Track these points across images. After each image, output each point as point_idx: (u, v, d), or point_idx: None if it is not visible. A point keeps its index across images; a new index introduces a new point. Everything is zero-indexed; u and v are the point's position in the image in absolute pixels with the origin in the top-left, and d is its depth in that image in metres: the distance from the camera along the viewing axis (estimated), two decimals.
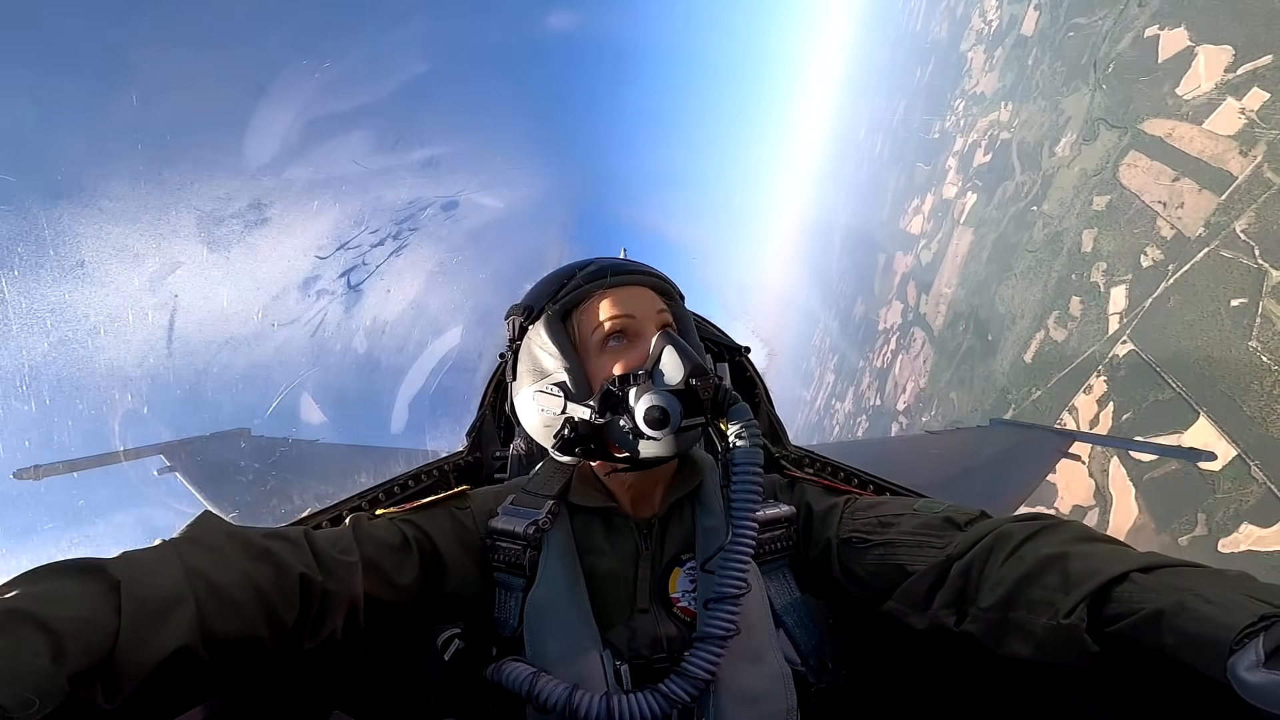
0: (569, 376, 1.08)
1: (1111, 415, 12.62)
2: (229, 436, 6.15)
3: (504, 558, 1.07)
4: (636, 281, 1.17)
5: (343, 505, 1.77)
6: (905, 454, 7.33)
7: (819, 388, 37.59)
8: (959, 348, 19.57)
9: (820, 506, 1.15)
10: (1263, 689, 0.55)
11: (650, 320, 1.11)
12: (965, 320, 19.37)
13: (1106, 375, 12.98)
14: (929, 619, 0.94)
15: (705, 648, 0.90)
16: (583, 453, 1.09)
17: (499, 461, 2.42)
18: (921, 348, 22.86)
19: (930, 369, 21.78)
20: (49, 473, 5.31)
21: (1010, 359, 16.48)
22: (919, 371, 22.75)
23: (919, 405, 22.05)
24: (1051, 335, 14.86)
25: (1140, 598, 0.70)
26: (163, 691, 0.71)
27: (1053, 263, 15.27)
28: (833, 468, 2.26)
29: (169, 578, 0.73)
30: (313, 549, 0.92)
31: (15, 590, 0.63)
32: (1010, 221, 17.79)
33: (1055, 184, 16.00)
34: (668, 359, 1.03)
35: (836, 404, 33.27)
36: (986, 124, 20.99)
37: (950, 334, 20.37)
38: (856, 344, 31.08)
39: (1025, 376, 15.65)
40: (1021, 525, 0.90)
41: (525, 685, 0.91)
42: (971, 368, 18.68)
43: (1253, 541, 9.75)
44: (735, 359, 2.46)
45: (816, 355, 39.58)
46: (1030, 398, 15.27)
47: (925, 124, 26.86)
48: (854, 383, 30.86)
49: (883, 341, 27.27)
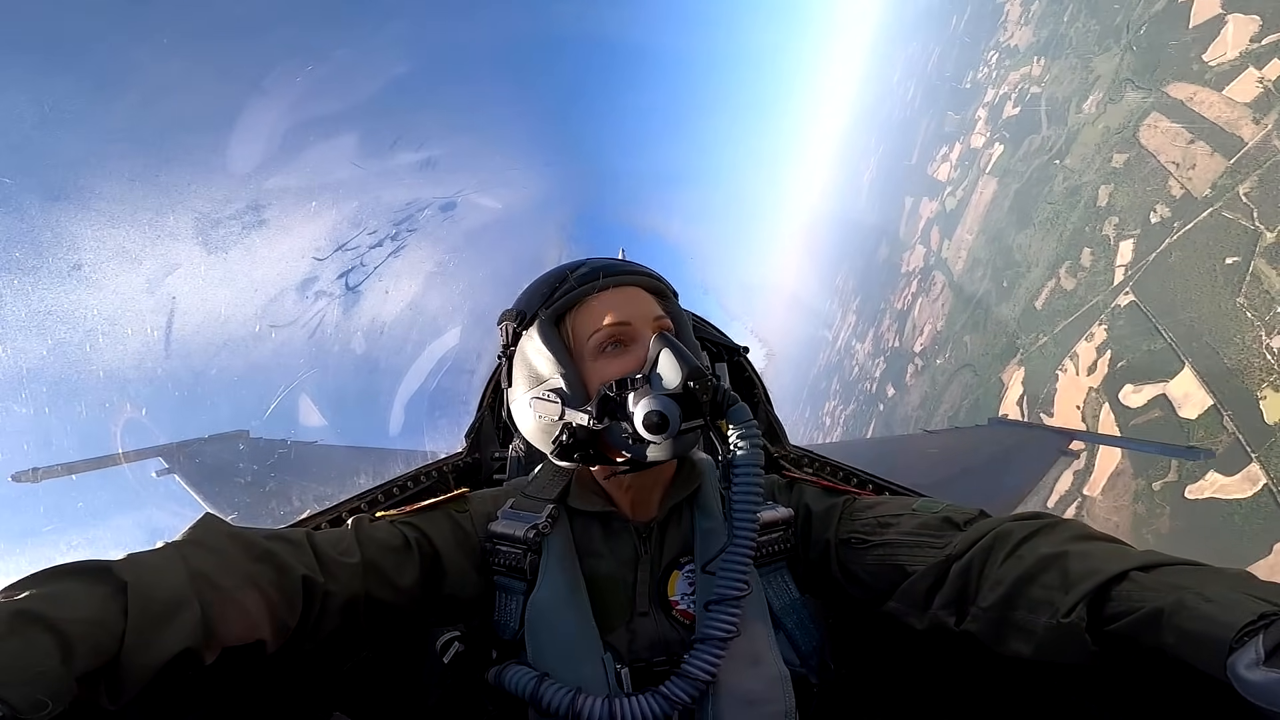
0: (565, 382, 1.07)
1: (1108, 363, 13.30)
2: (228, 438, 6.14)
3: (504, 561, 1.07)
4: (630, 282, 1.15)
5: (342, 507, 1.77)
6: (904, 453, 7.34)
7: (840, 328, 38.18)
8: (976, 293, 20.22)
9: (819, 507, 1.15)
10: (1262, 687, 0.55)
11: (646, 323, 1.10)
12: (984, 266, 19.93)
13: (1108, 324, 13.56)
14: (929, 619, 0.94)
15: (705, 649, 0.91)
16: (581, 458, 1.09)
17: (498, 463, 2.41)
18: (941, 291, 23.55)
19: (948, 312, 22.42)
20: (47, 475, 5.30)
21: (1022, 305, 17.12)
22: (937, 314, 23.47)
23: (935, 348, 22.76)
24: (1062, 284, 15.47)
25: (1140, 596, 0.70)
26: (166, 693, 0.71)
27: (1069, 215, 15.78)
28: (832, 467, 2.26)
29: (173, 580, 0.73)
30: (314, 550, 0.92)
31: (24, 592, 0.64)
32: (1033, 173, 18.25)
33: (1079, 140, 16.40)
34: (665, 362, 1.02)
35: (857, 344, 33.89)
36: (1018, 77, 21.38)
37: (968, 279, 20.98)
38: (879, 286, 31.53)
39: (1035, 322, 16.27)
40: (1020, 524, 0.90)
41: (529, 689, 0.91)
42: (986, 312, 19.28)
43: (1215, 489, 10.50)
44: (734, 359, 2.46)
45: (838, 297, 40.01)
46: (1037, 343, 15.95)
47: (958, 73, 27.35)
48: (874, 324, 31.43)
49: (904, 284, 27.89)
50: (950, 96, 27.62)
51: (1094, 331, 13.93)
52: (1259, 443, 10.00)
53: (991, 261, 19.44)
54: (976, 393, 18.81)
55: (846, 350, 35.66)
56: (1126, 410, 12.47)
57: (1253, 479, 10.01)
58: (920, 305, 25.45)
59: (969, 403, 19.14)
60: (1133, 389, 12.46)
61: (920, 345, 24.54)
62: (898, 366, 26.77)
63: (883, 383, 28.59)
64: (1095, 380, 13.65)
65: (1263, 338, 10.06)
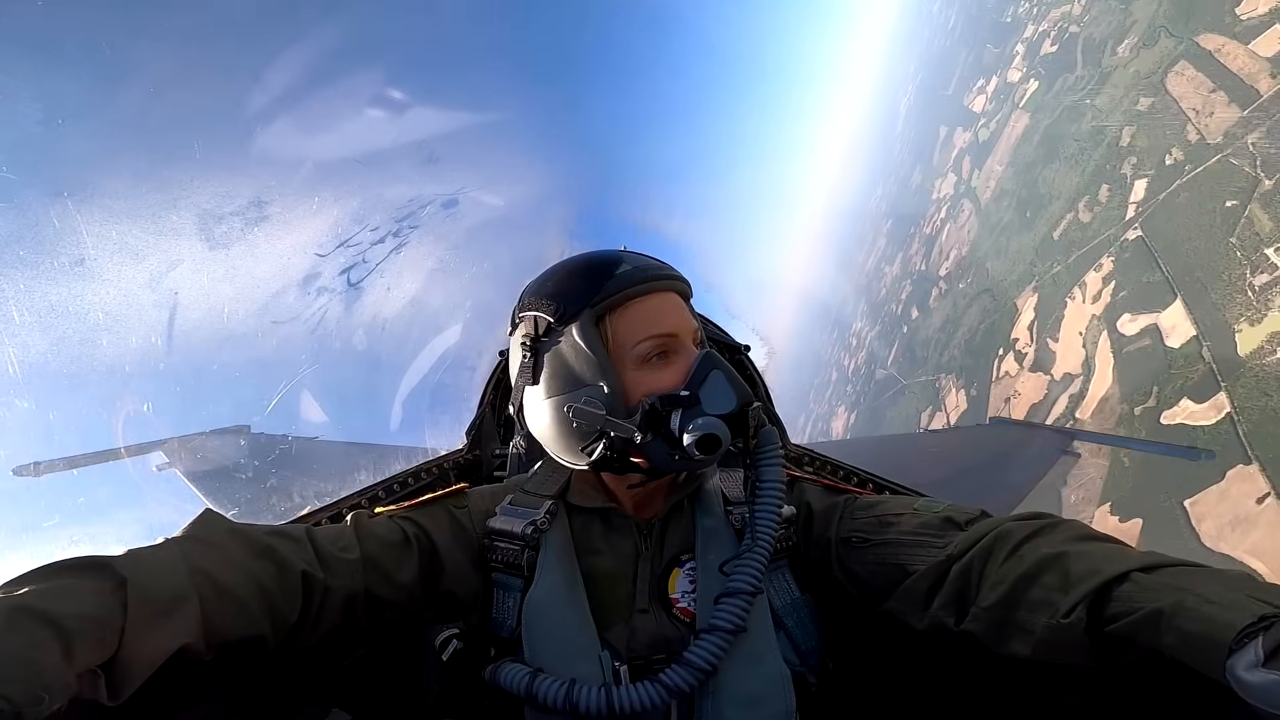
0: (607, 389, 1.01)
1: (1111, 292, 14.45)
2: (229, 434, 6.15)
3: (502, 558, 1.07)
4: (673, 288, 1.11)
5: (343, 503, 1.77)
6: (905, 452, 7.34)
7: (870, 251, 39.26)
8: (1000, 221, 21.31)
9: (820, 506, 1.15)
10: (1262, 689, 0.55)
11: (689, 334, 1.08)
12: (1010, 197, 20.98)
13: (1115, 256, 14.69)
14: (929, 618, 0.94)
15: (710, 639, 0.91)
16: (619, 468, 1.07)
17: (498, 459, 2.42)
18: (968, 219, 24.55)
19: (972, 239, 23.54)
20: (49, 469, 5.31)
21: (1041, 235, 18.28)
22: (963, 241, 24.55)
23: (958, 272, 23.97)
24: (1080, 217, 16.55)
25: (1140, 597, 0.70)
26: (165, 688, 0.71)
27: (1093, 152, 16.76)
28: (832, 466, 2.26)
29: (174, 576, 0.74)
30: (314, 546, 0.92)
31: (25, 587, 0.64)
32: (1064, 111, 19.15)
33: (1110, 82, 17.23)
34: (716, 383, 1.01)
35: (886, 268, 34.84)
36: (1058, 15, 21.85)
37: (994, 208, 22.08)
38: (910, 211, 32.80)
39: (1051, 251, 17.44)
40: (1021, 524, 0.90)
41: (523, 685, 0.91)
42: (1008, 241, 20.41)
43: (1186, 415, 11.39)
44: (735, 357, 2.46)
45: (870, 220, 41.19)
46: (1051, 271, 17.16)
47: (999, 6, 27.80)
48: (903, 247, 32.47)
49: (934, 210, 28.99)
50: (990, 29, 28.13)
51: (1102, 262, 15.01)
52: (1229, 373, 10.82)
53: (1017, 193, 20.58)
54: (993, 317, 19.99)
55: (875, 273, 37.13)
56: (1121, 338, 13.56)
57: (1218, 406, 10.80)
58: (948, 231, 26.63)
59: (985, 327, 20.33)
60: (1129, 318, 13.50)
61: (945, 270, 25.77)
62: (923, 289, 28.00)
63: (908, 305, 29.76)
64: (1098, 309, 14.77)
65: (1247, 275, 10.88)
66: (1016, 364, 18.29)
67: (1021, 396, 17.41)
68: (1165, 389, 11.96)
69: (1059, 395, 15.46)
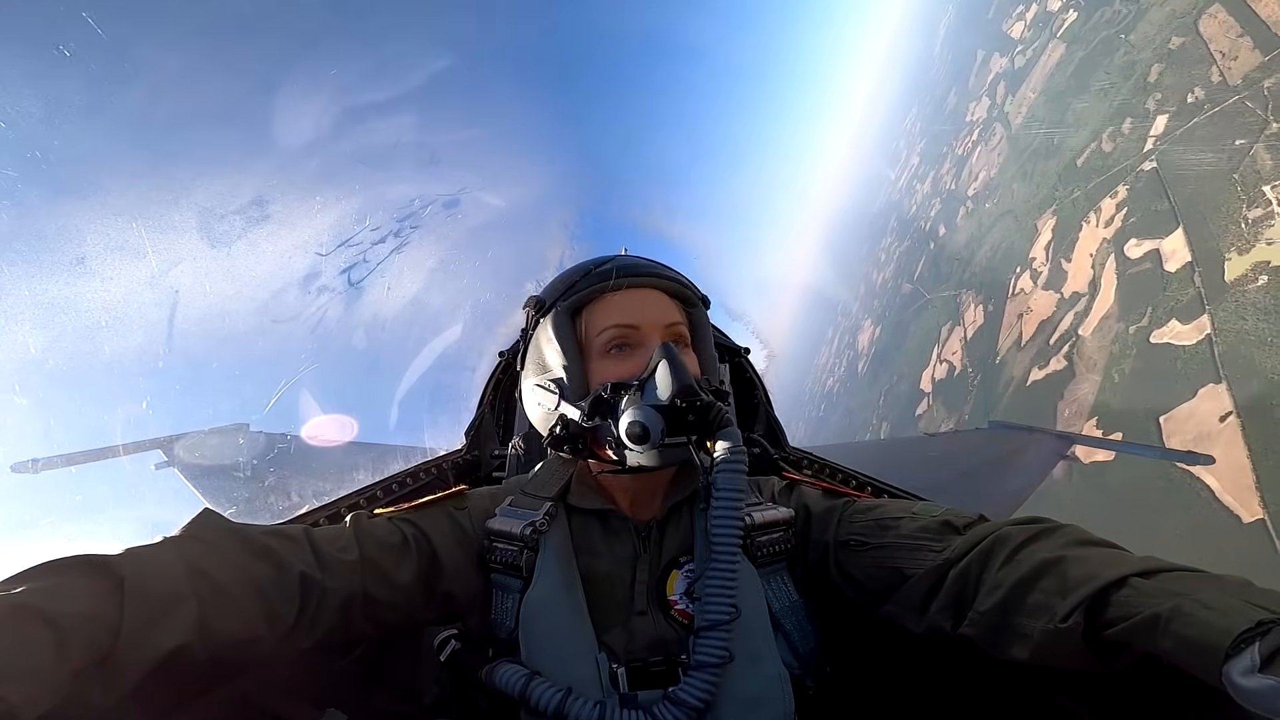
0: (566, 375, 1.11)
1: (1122, 219, 15.67)
2: (227, 432, 6.13)
3: (501, 559, 1.07)
4: (650, 284, 1.16)
5: (341, 502, 1.77)
6: (904, 456, 7.33)
7: (904, 168, 40.79)
8: (1028, 146, 22.45)
9: (819, 509, 1.15)
10: (1258, 694, 0.55)
11: (656, 328, 1.11)
12: (1040, 124, 22.12)
13: (1130, 185, 15.85)
14: (926, 622, 0.94)
15: (699, 676, 0.90)
16: (571, 450, 1.13)
17: (497, 460, 2.42)
18: (999, 142, 25.81)
19: (1001, 162, 24.82)
20: (47, 467, 5.30)
21: (1065, 162, 19.40)
22: (992, 163, 25.86)
23: (985, 193, 25.28)
24: (1102, 146, 17.67)
25: (1138, 602, 0.70)
26: (160, 688, 0.71)
27: (1122, 86, 17.73)
28: (831, 469, 2.26)
29: (172, 575, 0.73)
30: (313, 547, 0.92)
31: (22, 585, 0.63)
32: (1099, 43, 19.99)
33: (1146, 18, 17.99)
34: (660, 374, 1.03)
35: (918, 185, 36.34)
36: None
37: (1024, 134, 23.20)
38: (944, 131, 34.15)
39: (1073, 177, 18.63)
40: (1019, 529, 0.90)
41: (518, 688, 0.91)
42: (1034, 165, 21.56)
43: (1172, 335, 12.55)
44: (735, 360, 2.46)
45: (904, 138, 42.57)
46: (1070, 196, 18.43)
47: None
48: (935, 166, 33.88)
49: (966, 132, 30.27)
50: None
51: (1118, 190, 16.18)
52: (1215, 298, 11.94)
53: (1047, 119, 21.75)
54: (1014, 237, 21.33)
55: (907, 189, 38.50)
56: (1126, 260, 14.85)
57: (1200, 328, 11.99)
58: (979, 153, 27.96)
59: (1005, 245, 21.64)
60: (1135, 242, 14.76)
61: (973, 190, 27.28)
62: (951, 208, 29.65)
63: (936, 222, 31.33)
64: (1109, 233, 16.06)
65: (1243, 209, 11.91)
66: (1032, 282, 19.49)
67: (1033, 313, 18.77)
68: (1158, 310, 13.15)
69: (1066, 313, 16.69)
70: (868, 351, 37.58)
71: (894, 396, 30.15)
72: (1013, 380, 19.12)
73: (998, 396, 19.86)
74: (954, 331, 24.23)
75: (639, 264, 1.18)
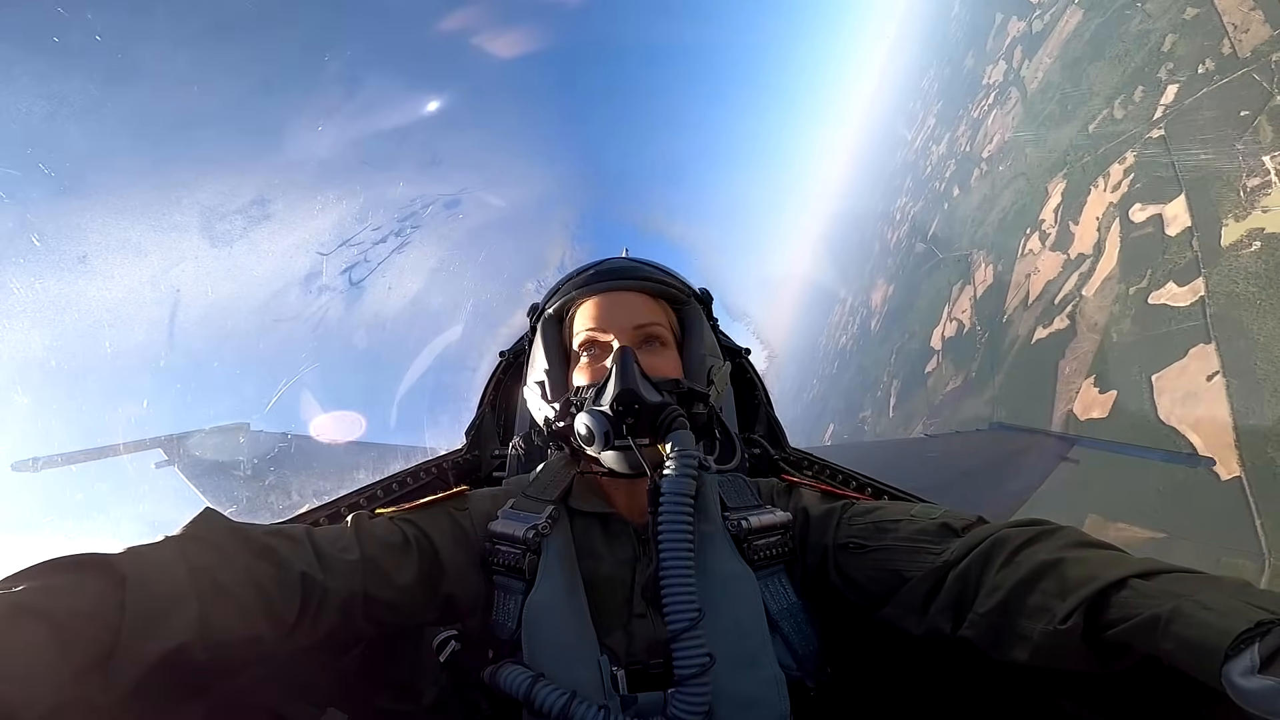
0: (547, 379, 1.18)
1: (1129, 184, 16.16)
2: (228, 431, 6.13)
3: (503, 561, 1.07)
4: (624, 288, 1.18)
5: (341, 502, 1.77)
6: (904, 457, 7.33)
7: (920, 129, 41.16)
8: (1043, 111, 22.79)
9: (818, 511, 1.15)
10: (1257, 694, 0.55)
11: (624, 332, 1.13)
12: (1055, 89, 22.38)
13: (1137, 151, 16.29)
14: (926, 624, 0.94)
15: (689, 690, 0.88)
16: (555, 448, 1.21)
17: (497, 460, 2.41)
18: (1014, 106, 26.10)
19: (1015, 125, 25.19)
20: (47, 465, 5.30)
21: (1078, 127, 19.81)
22: (1006, 127, 26.20)
23: (999, 155, 25.70)
24: (1114, 113, 18.03)
25: (1137, 604, 0.70)
26: (160, 688, 0.71)
27: (1136, 54, 18.01)
28: (831, 470, 2.25)
29: (173, 575, 0.73)
30: (314, 547, 0.92)
31: (23, 584, 0.63)
32: (1116, 11, 20.16)
33: None
34: (610, 378, 1.07)
35: (933, 147, 36.70)
36: None
37: (1039, 99, 23.53)
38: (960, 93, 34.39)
39: (1084, 143, 19.11)
40: (1018, 531, 0.90)
41: (523, 690, 0.91)
42: (1048, 131, 21.98)
43: (1169, 296, 13.00)
44: (735, 361, 2.45)
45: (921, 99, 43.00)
46: (1080, 161, 18.87)
47: None
48: (951, 128, 34.21)
49: (983, 95, 30.52)
50: None
51: (1127, 156, 16.63)
52: (1210, 261, 12.42)
53: (1061, 85, 22.09)
54: (1025, 199, 21.88)
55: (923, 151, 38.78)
56: (1130, 224, 15.40)
57: (1195, 290, 12.47)
58: (994, 116, 28.27)
59: (1017, 207, 22.26)
60: (1140, 207, 15.28)
61: (988, 152, 27.64)
62: (966, 170, 30.00)
63: (950, 183, 31.77)
64: (1115, 197, 16.59)
65: (1243, 177, 12.30)
66: (1040, 243, 19.96)
67: (1040, 273, 19.28)
68: (1157, 272, 13.67)
69: (1071, 274, 17.24)
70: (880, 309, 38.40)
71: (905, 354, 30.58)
72: (1018, 339, 19.67)
73: (1003, 355, 20.45)
74: (964, 290, 24.84)
75: (620, 267, 1.22)
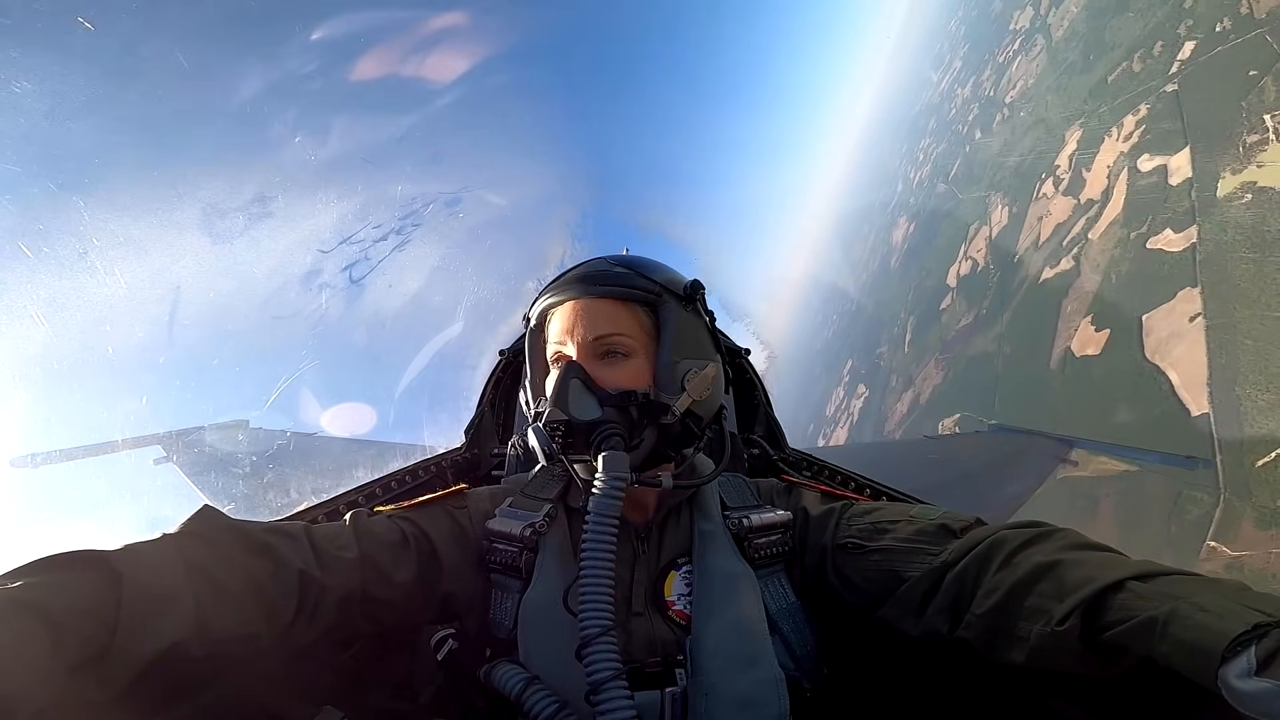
0: (529, 387, 1.20)
1: (1140, 135, 17.04)
2: (227, 428, 6.14)
3: (501, 559, 1.07)
4: (589, 294, 1.12)
5: (340, 500, 1.76)
6: (904, 458, 7.34)
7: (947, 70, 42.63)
8: (1065, 60, 23.82)
9: (816, 512, 1.15)
10: (1254, 697, 0.55)
11: (581, 345, 1.10)
12: (1080, 40, 23.39)
13: (1150, 104, 17.18)
14: (923, 625, 0.95)
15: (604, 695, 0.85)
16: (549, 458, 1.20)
17: (497, 459, 2.41)
18: (1039, 53, 27.17)
19: (1039, 72, 26.26)
20: (46, 462, 5.30)
21: (1097, 78, 20.79)
22: (1030, 73, 27.32)
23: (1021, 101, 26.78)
24: (1133, 66, 18.93)
25: (1135, 606, 0.70)
26: (156, 685, 0.71)
27: (1159, 9, 18.78)
28: (830, 471, 2.25)
29: (170, 572, 0.73)
30: (312, 545, 0.92)
31: (19, 580, 0.63)
32: None
33: None
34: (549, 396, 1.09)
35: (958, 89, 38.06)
36: None
37: (1063, 47, 24.51)
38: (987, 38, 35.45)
39: (1103, 93, 20.12)
40: (1016, 532, 0.90)
41: (516, 691, 0.91)
42: (1070, 80, 22.97)
43: (1165, 242, 13.98)
44: (735, 361, 2.45)
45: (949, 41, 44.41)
46: (1097, 111, 19.85)
47: None
48: (977, 72, 35.29)
49: (1009, 41, 31.51)
50: None
51: (1140, 108, 17.50)
52: (1204, 211, 13.24)
53: (1086, 36, 23.04)
54: (1044, 145, 22.77)
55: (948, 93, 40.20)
56: (1137, 173, 16.30)
57: (1188, 237, 13.37)
58: (1019, 63, 29.40)
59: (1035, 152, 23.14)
60: (1148, 157, 16.13)
61: (1010, 98, 28.80)
62: (988, 114, 31.22)
63: (973, 127, 32.87)
64: (1126, 147, 17.42)
65: (1244, 133, 13.00)
66: (1054, 188, 20.89)
67: (1051, 216, 20.26)
68: (1156, 219, 14.64)
69: (1080, 218, 18.17)
70: (900, 246, 39.62)
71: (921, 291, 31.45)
72: (1027, 278, 20.48)
73: (1012, 293, 21.27)
74: (980, 231, 25.86)
75: (588, 274, 1.15)
